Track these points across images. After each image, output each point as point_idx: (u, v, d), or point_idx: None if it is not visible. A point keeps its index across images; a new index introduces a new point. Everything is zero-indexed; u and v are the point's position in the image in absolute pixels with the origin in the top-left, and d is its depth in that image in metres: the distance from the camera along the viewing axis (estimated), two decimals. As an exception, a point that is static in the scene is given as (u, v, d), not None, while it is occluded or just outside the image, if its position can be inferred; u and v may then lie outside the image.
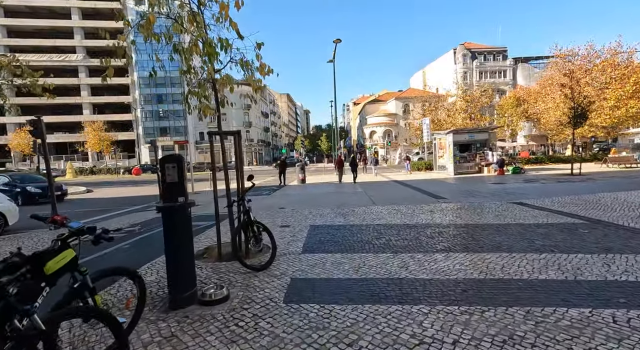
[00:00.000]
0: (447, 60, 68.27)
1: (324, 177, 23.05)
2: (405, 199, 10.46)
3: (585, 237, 5.06)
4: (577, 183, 12.76)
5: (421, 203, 9.39)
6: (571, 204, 8.02)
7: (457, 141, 19.46)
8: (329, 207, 9.26)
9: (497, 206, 8.32)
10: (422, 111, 38.34)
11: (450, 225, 6.32)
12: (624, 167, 19.00)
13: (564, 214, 6.95)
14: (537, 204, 8.33)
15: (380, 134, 63.13)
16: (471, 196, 10.46)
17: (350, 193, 12.69)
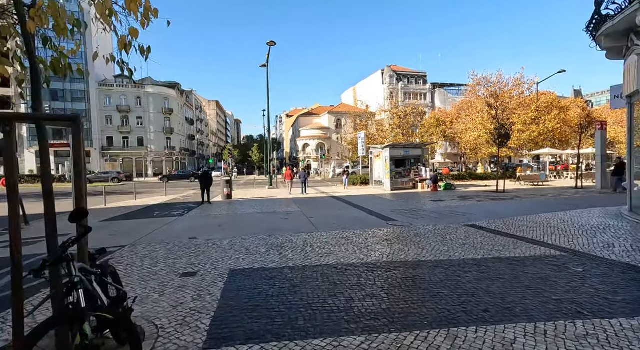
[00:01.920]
0: (376, 79, 72.17)
1: (255, 191, 20.58)
2: (351, 221, 8.89)
3: (589, 280, 3.95)
4: (509, 201, 12.91)
5: (371, 227, 7.88)
6: (526, 228, 7.34)
7: (393, 156, 19.10)
8: (259, 235, 7.11)
9: (454, 231, 7.23)
10: (354, 126, 38.72)
11: (423, 265, 4.79)
12: (532, 184, 20.88)
13: (532, 241, 6.06)
14: (493, 228, 7.50)
15: (314, 147, 62.78)
16: (420, 217, 9.41)
17: (285, 213, 10.68)
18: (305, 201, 14.31)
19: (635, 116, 8.51)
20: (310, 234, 7.23)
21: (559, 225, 7.46)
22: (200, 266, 4.87)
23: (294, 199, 15.10)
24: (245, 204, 13.57)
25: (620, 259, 4.86)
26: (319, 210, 11.13)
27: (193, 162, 67.84)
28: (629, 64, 7.76)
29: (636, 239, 5.99)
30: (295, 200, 14.81)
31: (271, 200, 14.69)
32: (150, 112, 54.66)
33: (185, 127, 63.82)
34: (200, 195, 14.25)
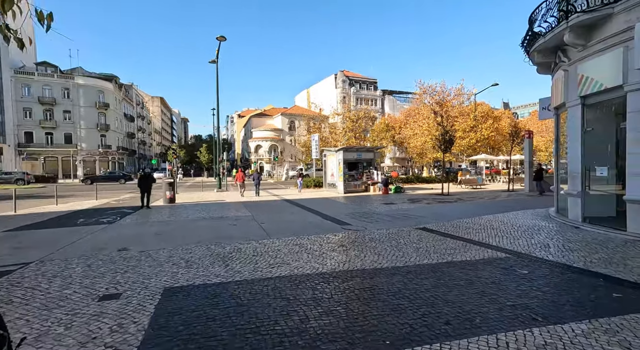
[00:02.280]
0: (329, 83, 73.23)
1: (202, 194, 19.26)
2: (304, 226, 8.54)
3: (535, 282, 4.07)
4: (454, 204, 13.62)
5: (326, 232, 7.61)
6: (472, 230, 7.65)
7: (346, 159, 19.22)
8: (203, 244, 6.42)
9: (407, 234, 7.26)
10: (307, 128, 38.69)
11: (380, 273, 4.59)
12: (471, 187, 22.53)
13: (480, 244, 6.26)
14: (443, 230, 7.69)
15: (266, 149, 61.54)
16: (373, 220, 9.39)
17: (234, 218, 9.98)
18: (257, 205, 13.65)
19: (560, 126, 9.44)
20: (261, 241, 6.72)
21: (500, 227, 7.90)
22: (127, 285, 4.12)
23: (244, 203, 14.33)
24: (190, 208, 12.49)
25: (557, 259, 5.16)
26: (271, 215, 10.61)
27: (133, 162, 62.28)
28: (556, 78, 8.57)
29: (566, 239, 6.51)
30: (246, 204, 14.05)
31: (220, 204, 13.76)
32: (81, 106, 48.96)
33: (123, 124, 58.34)
34: (139, 199, 12.81)
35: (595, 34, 6.86)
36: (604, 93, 6.82)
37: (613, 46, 6.49)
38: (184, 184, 32.96)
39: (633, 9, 6.09)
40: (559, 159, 9.06)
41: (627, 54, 6.20)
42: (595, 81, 6.89)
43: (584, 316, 3.16)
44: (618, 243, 6.02)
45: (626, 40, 6.22)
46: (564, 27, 7.13)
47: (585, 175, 7.41)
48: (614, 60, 6.42)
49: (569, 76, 7.84)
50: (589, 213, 7.55)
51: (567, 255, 5.38)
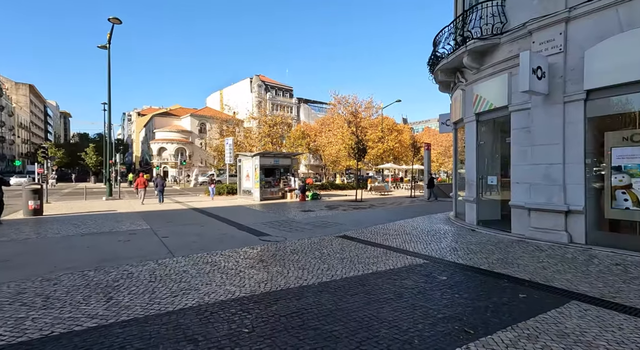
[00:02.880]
0: (244, 86, 71.06)
1: (85, 204, 15.86)
2: (217, 239, 7.52)
3: (455, 288, 4.17)
4: (368, 210, 14.19)
5: (242, 245, 6.79)
6: (389, 236, 7.87)
7: (263, 165, 18.44)
8: (75, 271, 4.91)
9: (329, 243, 7.01)
10: (220, 132, 36.41)
11: (307, 291, 4.09)
12: (380, 194, 24.26)
13: (399, 250, 6.38)
14: (362, 238, 7.71)
15: (172, 152, 55.75)
16: (293, 229, 8.92)
17: (127, 233, 8.24)
18: (159, 215, 11.76)
19: (457, 140, 10.68)
20: (161, 261, 5.53)
21: (413, 232, 8.35)
22: None
23: (143, 213, 12.21)
24: (64, 222, 9.94)
25: (466, 262, 5.52)
26: (176, 227, 9.15)
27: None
28: (455, 96, 9.65)
29: (468, 242, 7.15)
30: (145, 214, 11.98)
31: (108, 216, 11.38)
32: None
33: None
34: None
35: (487, 59, 7.89)
36: (494, 111, 7.87)
37: (501, 71, 7.53)
38: (59, 191, 26.97)
39: (515, 41, 7.17)
40: (457, 169, 10.22)
41: (510, 79, 7.24)
42: (487, 101, 7.90)
43: (506, 322, 3.23)
44: (507, 243, 6.88)
45: (510, 67, 7.27)
46: (463, 51, 8.02)
47: (479, 183, 8.41)
48: (501, 84, 7.45)
49: (466, 95, 8.87)
50: (481, 217, 8.57)
51: (472, 257, 5.83)
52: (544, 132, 6.57)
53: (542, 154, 6.59)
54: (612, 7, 5.76)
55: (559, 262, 5.37)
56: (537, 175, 6.71)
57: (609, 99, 5.99)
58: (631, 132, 5.80)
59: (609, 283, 4.38)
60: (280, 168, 20.16)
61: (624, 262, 5.29)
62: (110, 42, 18.22)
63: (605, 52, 5.80)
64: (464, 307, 3.61)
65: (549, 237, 6.49)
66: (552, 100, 6.42)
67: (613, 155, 5.92)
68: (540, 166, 6.64)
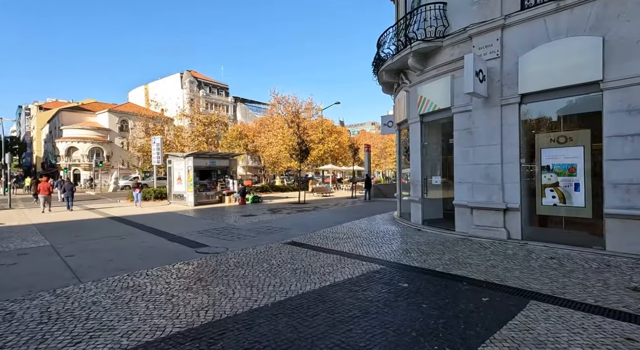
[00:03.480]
0: (174, 82, 65.71)
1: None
2: (142, 254, 6.28)
3: (419, 297, 3.91)
4: (313, 212, 13.78)
5: (174, 260, 5.73)
6: (340, 240, 7.52)
7: (197, 166, 16.80)
8: None
9: (278, 252, 6.36)
10: (145, 130, 32.72)
11: (259, 316, 3.40)
12: (322, 195, 24.18)
13: (353, 256, 6.04)
14: (312, 243, 7.23)
15: (85, 152, 48.61)
16: (235, 237, 8.02)
17: (15, 253, 6.44)
18: (64, 228, 9.69)
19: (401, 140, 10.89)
20: (62, 290, 4.27)
21: (362, 235, 8.12)
22: None
23: (42, 226, 9.95)
24: None
25: (421, 265, 5.38)
26: (87, 242, 7.51)
27: None
28: (399, 98, 9.78)
29: (417, 242, 7.14)
30: (44, 227, 9.76)
31: None
32: None
33: None
34: None
35: (430, 62, 8.07)
36: (438, 113, 8.08)
37: (443, 74, 7.75)
38: None
39: (457, 44, 7.41)
40: (402, 169, 10.39)
41: (453, 81, 7.48)
42: (431, 102, 8.07)
43: (482, 335, 3.01)
44: (453, 242, 7.02)
45: (453, 69, 7.50)
46: (407, 52, 8.08)
47: (424, 183, 8.57)
48: (444, 86, 7.66)
49: (410, 96, 9.01)
50: (426, 216, 8.76)
51: (426, 259, 5.73)
52: (484, 134, 6.87)
53: (483, 154, 6.89)
54: (540, 18, 6.22)
55: (504, 259, 5.55)
56: (478, 175, 7.00)
57: (539, 103, 6.49)
58: (557, 135, 6.34)
59: (553, 278, 4.56)
60: (217, 170, 18.65)
61: (557, 256, 5.69)
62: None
63: (536, 59, 6.25)
64: (435, 320, 3.32)
65: (490, 234, 6.80)
66: (491, 103, 6.75)
67: (543, 156, 6.41)
68: (481, 166, 6.94)
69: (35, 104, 80.00)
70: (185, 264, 5.58)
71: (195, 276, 4.89)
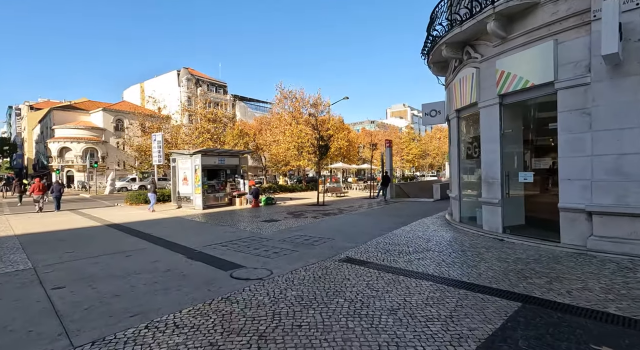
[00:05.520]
0: (171, 79, 63.70)
1: None
2: (160, 284, 4.50)
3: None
4: (342, 216, 12.04)
5: (206, 294, 3.98)
6: (407, 254, 5.83)
7: (205, 165, 14.98)
8: None
9: (339, 276, 4.67)
10: (142, 129, 30.79)
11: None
12: (336, 195, 22.43)
13: (449, 282, 4.34)
14: (374, 260, 5.55)
15: (79, 152, 46.44)
16: (270, 251, 6.26)
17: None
18: (54, 239, 7.86)
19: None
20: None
21: (432, 247, 6.43)
22: None
23: (26, 238, 8.10)
24: None
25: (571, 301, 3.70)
26: (80, 263, 5.69)
27: None
28: (461, 78, 8.07)
29: (521, 260, 5.45)
30: (28, 239, 7.92)
31: (-41, 247, 7.11)
32: None
33: None
34: None
35: (518, 26, 6.38)
36: (529, 91, 6.38)
37: (540, 39, 6.06)
38: None
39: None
40: (460, 165, 8.68)
41: (557, 47, 5.78)
42: (519, 77, 6.38)
43: None
44: (571, 259, 5.33)
45: (556, 32, 5.82)
46: (488, 14, 6.38)
47: (504, 181, 6.87)
48: (542, 55, 5.97)
49: (480, 74, 7.31)
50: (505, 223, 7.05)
51: (564, 289, 4.04)
52: (611, 114, 5.19)
53: (609, 142, 5.21)
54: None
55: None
56: (601, 169, 5.32)
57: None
58: None
59: None
60: (225, 169, 16.85)
61: None
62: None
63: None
64: None
65: (626, 248, 5.10)
66: (624, 71, 5.06)
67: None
68: (607, 157, 5.25)
69: (26, 104, 77.35)
70: (225, 300, 3.82)
71: (253, 328, 3.13)
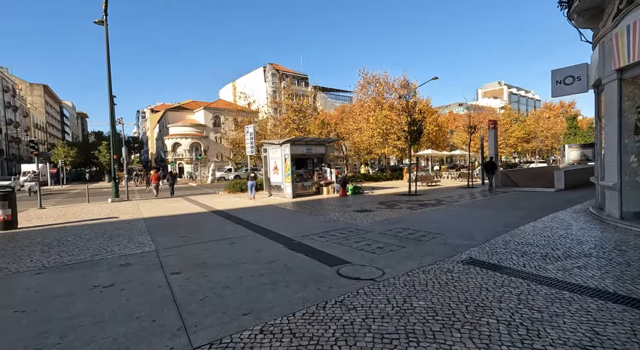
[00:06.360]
0: (258, 76, 68.01)
1: (85, 208, 13.00)
2: (264, 276, 4.25)
3: None
4: (442, 208, 10.71)
5: (317, 292, 3.52)
6: (556, 260, 4.46)
7: (294, 154, 15.15)
8: None
9: (470, 282, 3.70)
10: (235, 123, 33.45)
11: None
12: (427, 185, 20.58)
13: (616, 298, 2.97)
14: (509, 264, 4.37)
15: (187, 147, 53.40)
16: (373, 245, 5.59)
17: (118, 262, 5.12)
18: (170, 224, 8.68)
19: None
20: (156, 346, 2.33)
21: (575, 248, 4.96)
22: None
23: (149, 221, 9.17)
24: (35, 240, 6.92)
25: None
26: (193, 248, 5.95)
27: (1, 164, 47.59)
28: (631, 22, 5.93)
29: None
30: (151, 222, 8.93)
31: (103, 228, 8.36)
32: None
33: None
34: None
35: None
36: None
37: None
38: (68, 192, 24.64)
39: None
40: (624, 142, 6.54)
41: None
42: None
43: None
44: None
45: None
46: None
47: None
48: None
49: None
50: None
51: None
52: None
53: None
54: None
55: None
56: None
57: None
58: None
59: None
60: (312, 158, 16.85)
61: None
62: (107, 13, 15.15)
63: None
64: None
65: None
66: None
67: None
68: None
69: (149, 108, 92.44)
70: (340, 305, 3.28)
71: (370, 335, 2.50)
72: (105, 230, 7.94)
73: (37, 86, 75.09)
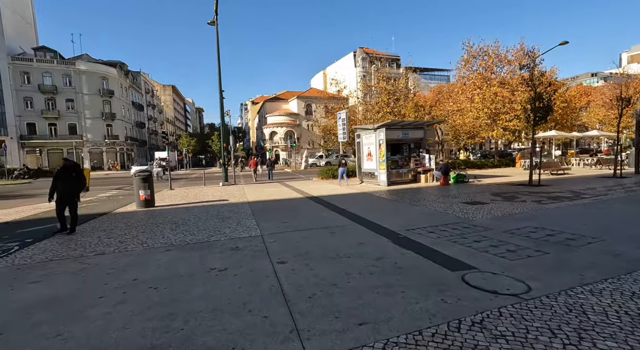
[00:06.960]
0: (348, 62, 67.35)
1: (202, 191, 14.85)
2: (373, 275, 3.78)
3: None
4: (588, 202, 8.51)
5: (440, 305, 2.83)
6: None
7: (389, 140, 14.23)
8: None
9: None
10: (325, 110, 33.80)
11: None
12: (551, 173, 17.04)
13: None
14: None
15: (282, 135, 57.04)
16: (501, 247, 4.54)
17: (229, 245, 5.39)
18: (272, 209, 9.03)
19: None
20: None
21: None
22: None
23: (253, 205, 9.76)
24: (167, 219, 8.00)
25: None
26: (295, 236, 5.91)
27: (144, 153, 59.31)
28: None
29: None
30: (255, 207, 9.48)
31: (216, 210, 9.22)
32: (85, 93, 45.70)
33: (132, 113, 55.04)
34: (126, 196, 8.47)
35: None
36: None
37: None
38: (188, 176, 28.97)
39: None
40: None
41: None
42: None
43: None
44: None
45: None
46: None
47: None
48: None
49: None
50: None
51: None
52: None
53: None
54: None
55: None
56: None
57: None
58: None
59: None
60: (409, 143, 15.62)
61: None
62: (217, 13, 16.61)
63: None
64: None
65: None
66: None
67: None
68: None
69: (250, 100, 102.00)
70: (482, 329, 2.56)
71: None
72: (218, 212, 8.72)
73: (167, 87, 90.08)
